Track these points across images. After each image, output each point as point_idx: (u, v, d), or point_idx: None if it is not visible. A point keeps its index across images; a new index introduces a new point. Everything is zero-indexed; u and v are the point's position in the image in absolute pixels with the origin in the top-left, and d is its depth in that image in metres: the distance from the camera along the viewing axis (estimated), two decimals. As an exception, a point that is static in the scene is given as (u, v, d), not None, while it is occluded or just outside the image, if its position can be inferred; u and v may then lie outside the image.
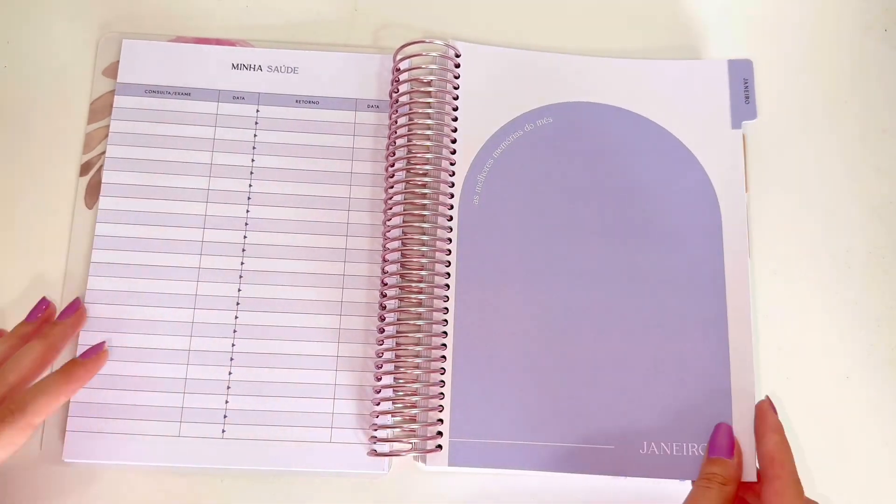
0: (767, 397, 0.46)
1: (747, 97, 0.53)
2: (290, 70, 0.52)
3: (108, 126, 0.51)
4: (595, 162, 0.51)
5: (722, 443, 0.45)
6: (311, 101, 0.52)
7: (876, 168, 0.54)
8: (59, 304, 0.48)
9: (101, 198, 0.49)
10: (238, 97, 0.51)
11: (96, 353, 0.46)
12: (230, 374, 0.47)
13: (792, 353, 0.50)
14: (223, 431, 0.46)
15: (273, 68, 0.52)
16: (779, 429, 0.44)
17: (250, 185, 0.50)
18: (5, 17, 0.53)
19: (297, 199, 0.50)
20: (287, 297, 0.48)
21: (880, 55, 0.56)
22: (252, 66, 0.52)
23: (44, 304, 0.47)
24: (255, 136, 0.51)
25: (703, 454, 0.46)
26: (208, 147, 0.50)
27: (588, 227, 0.50)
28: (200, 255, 0.49)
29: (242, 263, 0.49)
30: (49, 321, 0.47)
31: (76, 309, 0.47)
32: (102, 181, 0.50)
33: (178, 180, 0.50)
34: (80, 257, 0.49)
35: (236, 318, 0.48)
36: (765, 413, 0.45)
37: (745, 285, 0.49)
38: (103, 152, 0.50)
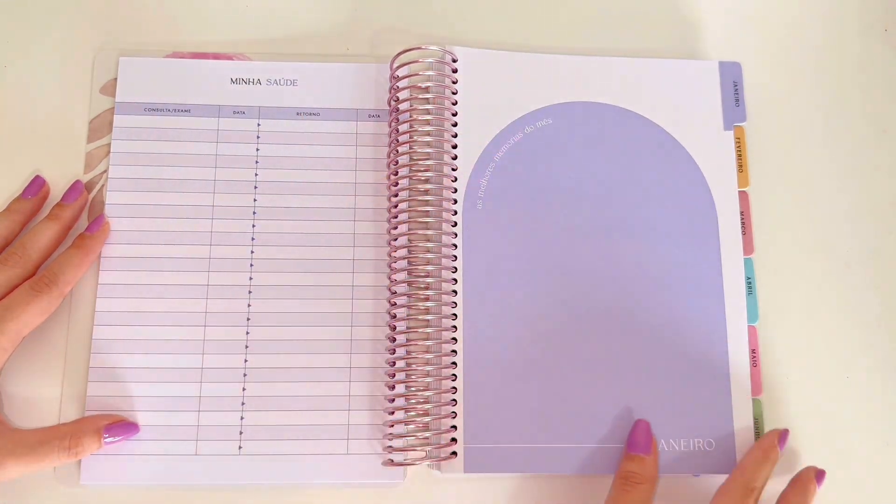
0: (787, 430, 0.48)
1: (737, 100, 0.53)
2: (289, 82, 0.52)
3: (108, 145, 0.51)
4: (596, 161, 0.51)
5: (640, 440, 0.46)
6: (312, 113, 0.52)
7: (876, 168, 0.54)
8: (66, 333, 0.48)
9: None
10: (238, 112, 0.51)
11: (99, 225, 0.48)
12: (244, 390, 0.47)
13: (792, 352, 0.51)
14: (240, 448, 0.46)
15: (272, 81, 0.52)
16: (767, 449, 0.46)
17: (255, 200, 0.50)
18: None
19: (303, 212, 0.50)
20: (297, 311, 0.48)
21: (880, 55, 0.56)
22: (251, 79, 0.52)
23: (39, 181, 0.49)
24: (257, 150, 0.51)
25: (709, 449, 0.47)
26: (211, 163, 0.50)
27: (592, 226, 0.50)
28: (208, 272, 0.49)
29: (251, 278, 0.49)
30: (46, 199, 0.50)
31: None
32: (105, 201, 0.49)
33: (181, 198, 0.50)
34: (87, 279, 0.49)
35: (247, 333, 0.48)
36: (766, 437, 0.47)
37: (741, 282, 0.50)
38: (105, 171, 0.50)
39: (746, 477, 0.45)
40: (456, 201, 0.50)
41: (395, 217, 0.49)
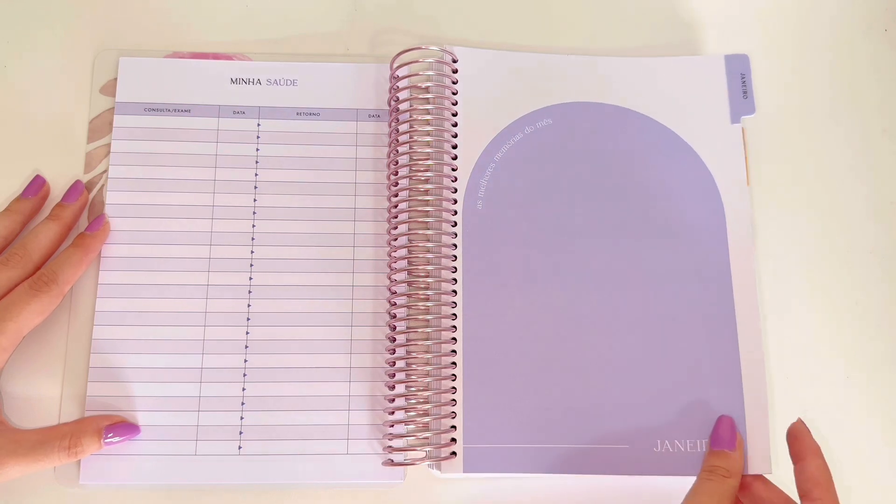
0: (800, 419, 0.45)
1: (745, 92, 0.53)
2: (289, 83, 0.52)
3: (108, 145, 0.51)
4: (597, 161, 0.51)
5: (724, 435, 0.46)
6: (312, 113, 0.52)
7: (876, 168, 0.54)
8: (66, 333, 0.48)
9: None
10: (238, 112, 0.51)
11: (100, 224, 0.48)
12: (244, 390, 0.47)
13: (792, 352, 0.51)
14: (239, 448, 0.46)
15: (272, 81, 0.52)
16: (819, 452, 0.43)
17: (255, 200, 0.50)
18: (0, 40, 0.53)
19: (303, 212, 0.50)
20: (297, 311, 0.48)
21: (880, 55, 0.56)
22: (251, 79, 0.52)
23: (39, 181, 0.49)
24: (257, 150, 0.51)
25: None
26: (211, 163, 0.50)
27: (593, 227, 0.50)
28: (208, 272, 0.49)
29: (251, 278, 0.49)
30: (46, 199, 0.50)
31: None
32: (105, 201, 0.49)
33: (181, 198, 0.50)
34: (87, 279, 0.49)
35: (247, 333, 0.48)
36: (803, 436, 0.44)
37: (752, 279, 0.49)
38: (105, 171, 0.50)
39: (832, 492, 0.42)
40: (456, 201, 0.50)
41: (395, 217, 0.49)
